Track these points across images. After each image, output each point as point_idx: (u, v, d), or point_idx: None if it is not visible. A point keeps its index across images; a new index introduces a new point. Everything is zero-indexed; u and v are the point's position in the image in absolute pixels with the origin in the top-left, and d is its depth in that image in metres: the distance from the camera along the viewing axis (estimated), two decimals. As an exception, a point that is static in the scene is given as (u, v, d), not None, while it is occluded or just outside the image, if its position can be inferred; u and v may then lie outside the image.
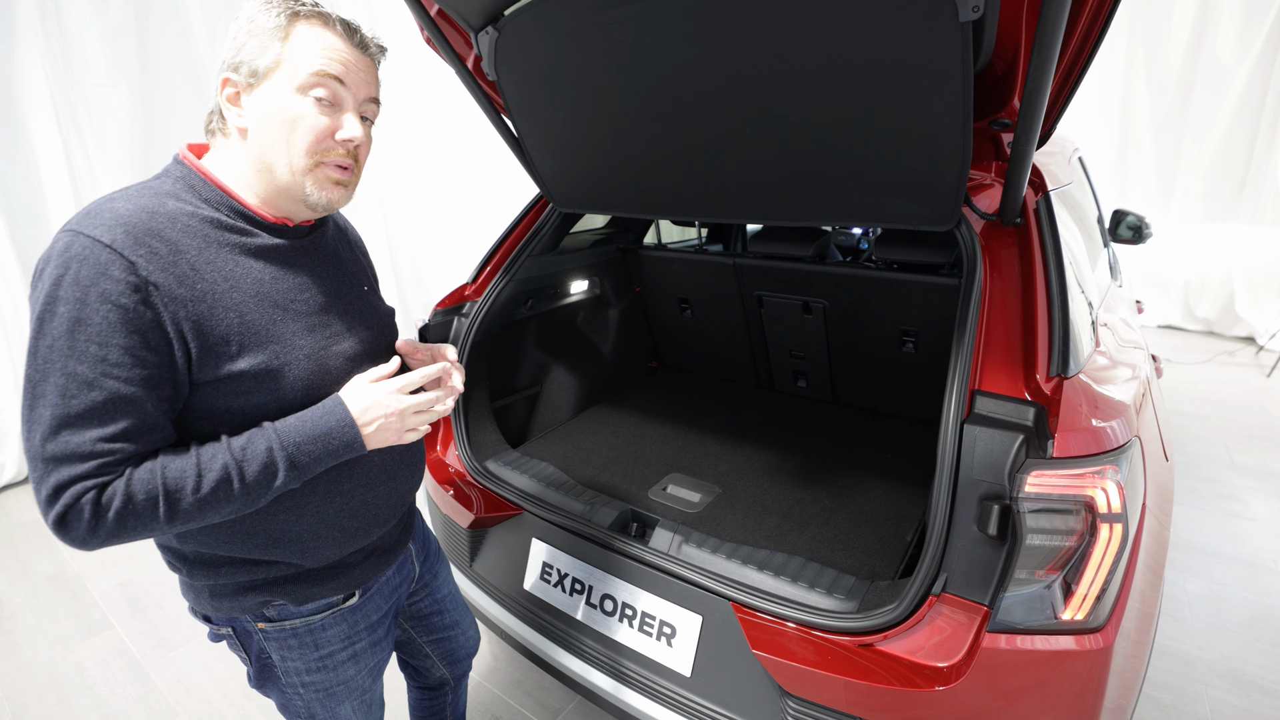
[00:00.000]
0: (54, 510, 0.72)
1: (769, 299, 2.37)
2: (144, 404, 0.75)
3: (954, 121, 1.09)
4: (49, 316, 0.72)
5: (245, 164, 0.85)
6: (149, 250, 0.75)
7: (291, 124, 0.82)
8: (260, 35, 0.81)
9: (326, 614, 0.97)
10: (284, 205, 0.88)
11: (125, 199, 0.79)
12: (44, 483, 0.72)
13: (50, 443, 0.71)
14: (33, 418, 0.72)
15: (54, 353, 0.71)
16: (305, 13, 0.83)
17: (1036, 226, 1.29)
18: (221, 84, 0.83)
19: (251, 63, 0.81)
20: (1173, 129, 5.12)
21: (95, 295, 0.71)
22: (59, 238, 0.74)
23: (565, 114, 1.54)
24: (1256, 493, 3.00)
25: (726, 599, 1.28)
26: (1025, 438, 1.01)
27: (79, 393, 0.71)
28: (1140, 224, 2.71)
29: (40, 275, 0.74)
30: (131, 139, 3.47)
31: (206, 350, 0.78)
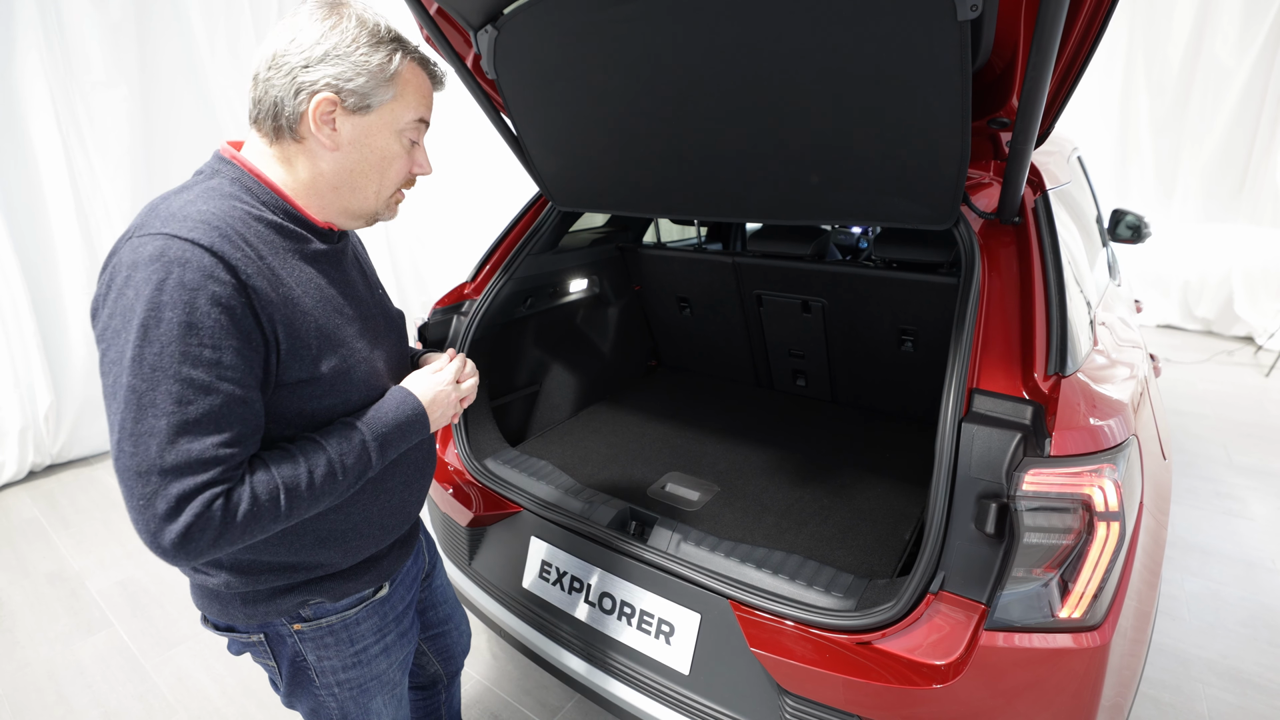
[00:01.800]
0: (177, 523, 0.69)
1: (768, 298, 2.37)
2: (254, 405, 0.76)
3: (952, 120, 1.09)
4: (154, 322, 0.69)
5: (314, 175, 0.85)
6: (243, 253, 0.75)
7: (388, 161, 0.87)
8: (377, 76, 0.81)
9: (360, 608, 0.98)
10: (338, 217, 0.90)
11: (201, 200, 0.77)
12: (161, 495, 0.69)
13: (169, 452, 0.69)
14: (141, 429, 0.69)
15: (165, 359, 0.69)
16: (414, 56, 0.86)
17: (1035, 225, 1.29)
18: (319, 102, 0.80)
19: (363, 95, 0.81)
20: (1172, 129, 5.13)
21: (205, 299, 0.71)
22: (143, 242, 0.72)
23: (564, 113, 1.54)
24: (1254, 492, 3.01)
25: (725, 597, 1.28)
26: (1023, 436, 1.01)
27: (196, 398, 0.70)
28: (1139, 223, 2.72)
29: (126, 281, 0.71)
30: (131, 137, 3.47)
31: (293, 353, 0.80)
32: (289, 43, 0.79)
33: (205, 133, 3.82)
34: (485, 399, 1.99)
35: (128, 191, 3.49)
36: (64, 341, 3.39)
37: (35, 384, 3.25)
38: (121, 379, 0.70)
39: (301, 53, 0.78)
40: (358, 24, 0.81)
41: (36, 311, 3.23)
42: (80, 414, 3.47)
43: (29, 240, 3.22)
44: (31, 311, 3.19)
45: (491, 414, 2.01)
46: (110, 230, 3.46)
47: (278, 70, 0.79)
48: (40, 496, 3.20)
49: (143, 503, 0.70)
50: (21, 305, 3.15)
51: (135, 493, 0.70)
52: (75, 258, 3.35)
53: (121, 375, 0.70)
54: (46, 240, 3.28)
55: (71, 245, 3.33)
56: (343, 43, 0.79)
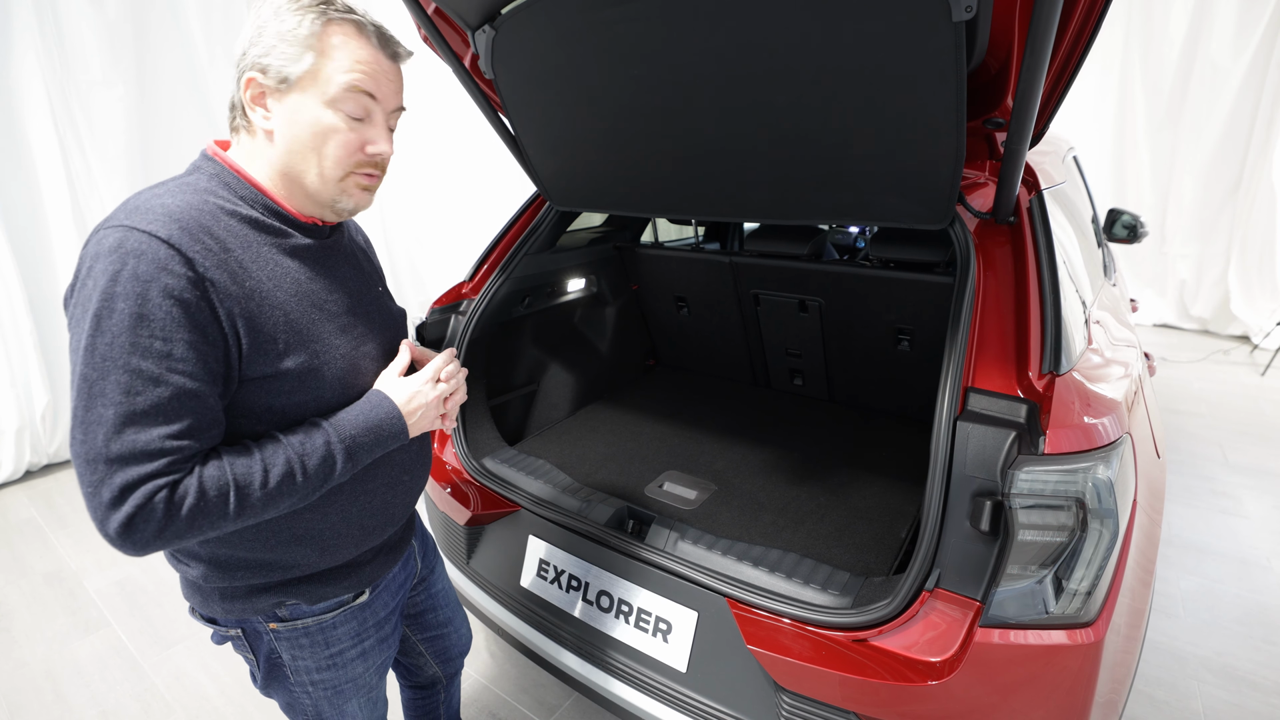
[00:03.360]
0: (120, 512, 0.69)
1: (765, 297, 2.37)
2: (207, 399, 0.75)
3: (948, 120, 1.10)
4: (107, 313, 0.69)
5: (271, 166, 0.84)
6: (203, 246, 0.75)
7: (323, 137, 0.82)
8: (292, 41, 0.78)
9: (337, 612, 0.97)
10: (310, 208, 0.89)
11: (170, 195, 0.77)
12: (106, 484, 0.69)
13: (115, 442, 0.69)
14: (90, 418, 0.69)
15: (115, 349, 0.69)
16: (338, 18, 0.80)
17: (1029, 225, 1.29)
18: (245, 83, 0.79)
19: (281, 69, 0.79)
20: (1168, 129, 5.14)
21: (157, 290, 0.70)
22: (106, 234, 0.72)
23: (562, 112, 1.55)
24: (1250, 490, 3.02)
25: (722, 595, 1.29)
26: (1017, 434, 1.02)
27: (144, 389, 0.70)
28: (1135, 223, 2.73)
29: (88, 272, 0.72)
30: (128, 137, 3.46)
31: (256, 348, 0.79)
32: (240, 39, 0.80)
33: (202, 133, 3.82)
34: (483, 398, 2.00)
35: (124, 191, 3.48)
36: (61, 341, 3.39)
37: (32, 384, 3.25)
38: (76, 367, 0.70)
39: (244, 41, 0.79)
40: (283, 1, 0.79)
41: (33, 311, 3.23)
42: (77, 414, 3.47)
43: (26, 239, 3.21)
44: (28, 311, 3.18)
45: (489, 413, 2.01)
46: (107, 230, 3.46)
47: (235, 67, 0.81)
48: (37, 496, 3.19)
49: (90, 490, 0.70)
50: (18, 305, 3.14)
51: (85, 479, 0.70)
52: (72, 257, 3.34)
53: (76, 364, 0.70)
54: (43, 240, 3.27)
55: (68, 245, 3.32)
56: (267, 25, 0.78)
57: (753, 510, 1.83)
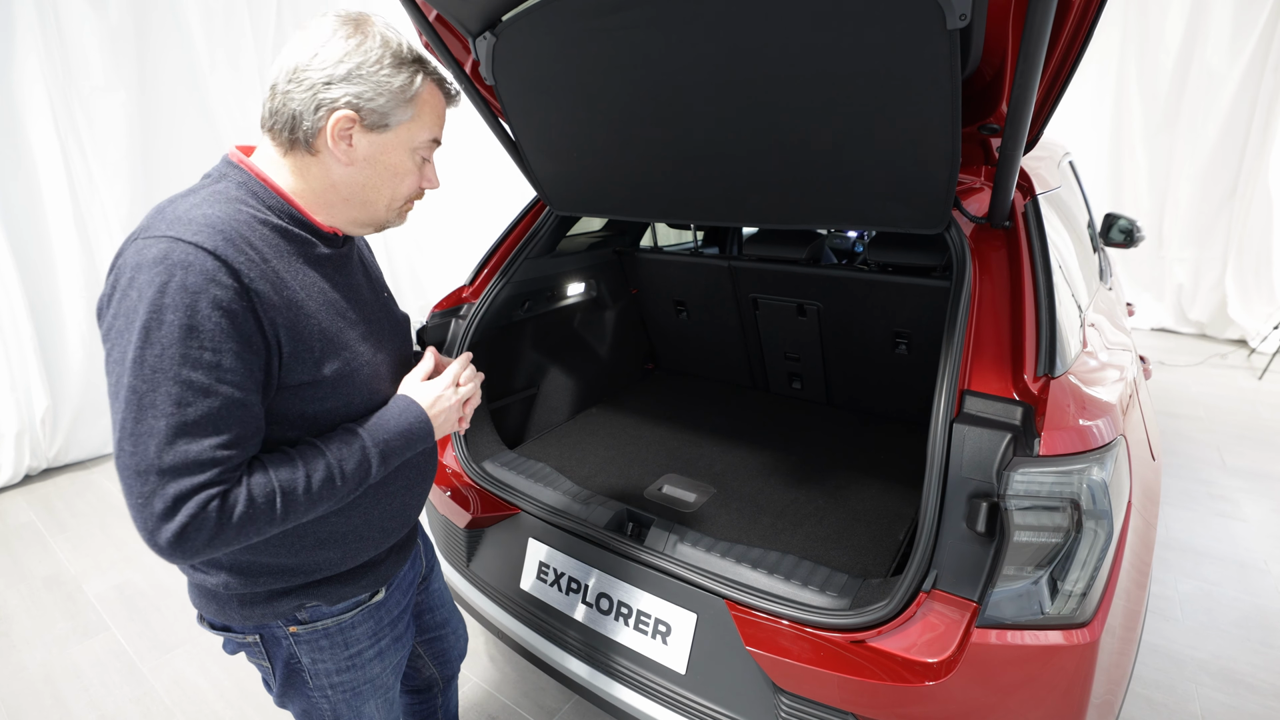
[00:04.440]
0: (173, 522, 0.70)
1: (764, 301, 2.39)
2: (253, 408, 0.77)
3: (943, 126, 1.11)
4: (156, 324, 0.70)
5: (326, 185, 0.86)
6: (246, 257, 0.76)
7: (400, 176, 0.88)
8: (395, 95, 0.82)
9: (355, 612, 0.99)
10: (343, 223, 0.91)
11: (208, 204, 0.78)
12: (159, 495, 0.70)
13: (167, 453, 0.70)
14: (141, 430, 0.70)
15: (165, 361, 0.70)
16: (431, 78, 0.87)
17: (1025, 229, 1.31)
18: (337, 119, 0.80)
19: (381, 117, 0.82)
20: (1165, 134, 5.17)
21: (206, 302, 0.71)
22: (148, 244, 0.72)
23: (562, 118, 1.56)
24: (1247, 494, 3.03)
25: (721, 597, 1.29)
26: (1013, 436, 1.03)
27: (195, 400, 0.71)
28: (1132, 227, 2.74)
29: (129, 283, 0.72)
30: (129, 141, 3.48)
31: (295, 356, 0.81)
32: (311, 57, 0.79)
33: (204, 138, 3.84)
34: (483, 401, 2.00)
35: (126, 196, 3.50)
36: (61, 345, 3.40)
37: (32, 388, 3.25)
38: (123, 379, 0.71)
39: (324, 69, 0.79)
40: (381, 44, 0.81)
41: (34, 315, 3.24)
42: (77, 418, 3.47)
43: (27, 244, 3.22)
44: (29, 315, 3.19)
45: (489, 416, 2.02)
46: (108, 234, 3.47)
47: (298, 84, 0.79)
48: (37, 500, 3.19)
49: (141, 501, 0.71)
50: (19, 309, 3.15)
51: (134, 491, 0.71)
52: (73, 262, 3.35)
53: (123, 376, 0.71)
54: (44, 244, 3.28)
55: (69, 249, 3.34)
56: (366, 62, 0.80)
57: (751, 513, 1.83)
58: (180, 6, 3.64)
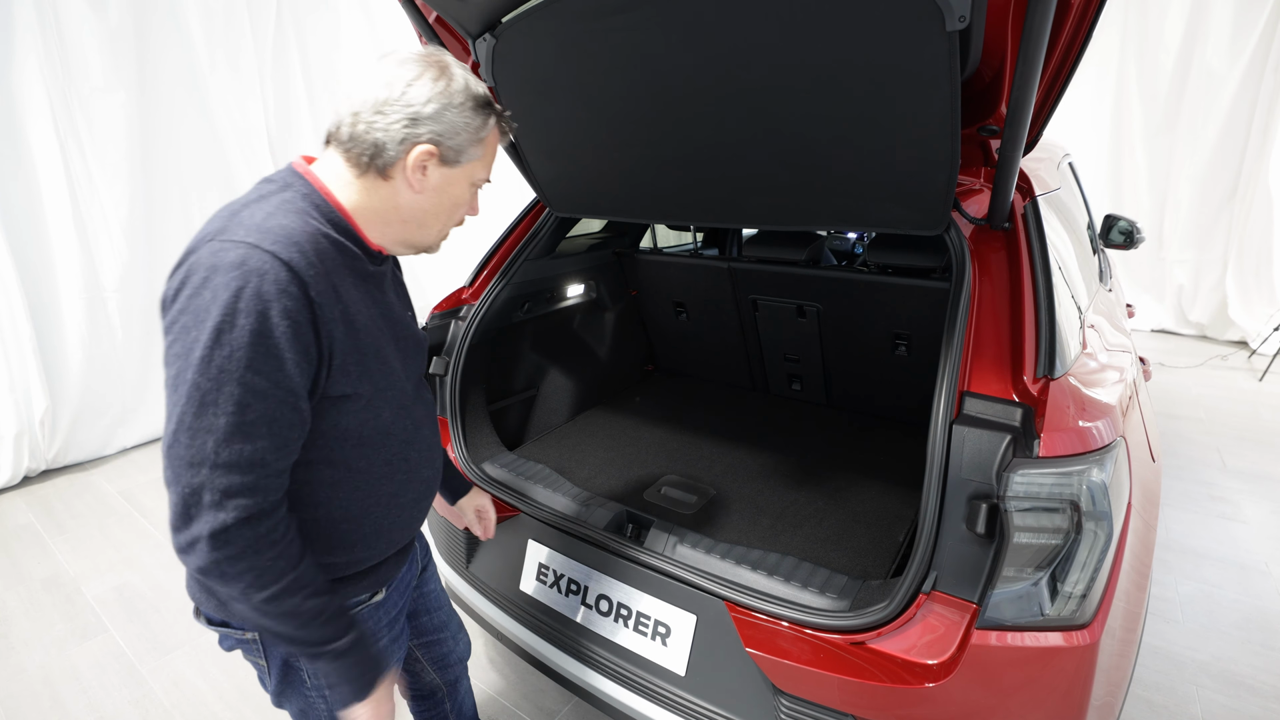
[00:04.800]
0: (222, 514, 0.74)
1: (764, 303, 2.39)
2: (304, 414, 0.81)
3: (942, 128, 1.11)
4: (228, 327, 0.73)
5: (389, 208, 0.89)
6: (315, 271, 0.80)
7: (457, 206, 0.94)
8: (470, 134, 0.88)
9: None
10: (392, 244, 0.95)
11: (282, 215, 0.81)
12: (209, 487, 0.74)
13: (224, 450, 0.74)
14: (200, 425, 0.73)
15: (232, 363, 0.73)
16: (499, 121, 0.93)
17: (1024, 231, 1.31)
18: (421, 153, 0.85)
19: (457, 153, 0.88)
20: (1165, 135, 5.18)
21: (277, 310, 0.75)
22: (226, 248, 0.75)
23: (562, 119, 1.56)
24: (1248, 496, 3.03)
25: (720, 598, 1.29)
26: (1012, 438, 1.03)
27: (255, 403, 0.75)
28: (1132, 229, 2.75)
29: (204, 283, 0.74)
30: (129, 143, 3.48)
31: (340, 369, 0.84)
32: (399, 94, 0.83)
33: (203, 138, 3.84)
34: (483, 403, 2.00)
35: (125, 197, 3.50)
36: (60, 347, 3.40)
37: (31, 389, 3.25)
38: (187, 374, 0.74)
39: (412, 107, 0.83)
40: (464, 89, 0.87)
41: (33, 316, 3.24)
42: (76, 419, 3.47)
43: (26, 245, 3.22)
44: (28, 316, 3.19)
45: (489, 418, 2.02)
46: (108, 235, 3.47)
47: (384, 116, 0.83)
48: (36, 502, 3.19)
49: (188, 491, 0.74)
50: (18, 310, 3.15)
51: (183, 480, 0.74)
52: (72, 263, 3.35)
53: (187, 371, 0.74)
54: (43, 245, 3.29)
55: (68, 250, 3.34)
56: (450, 104, 0.85)
57: (751, 514, 1.83)
58: (180, 7, 3.64)
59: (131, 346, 3.66)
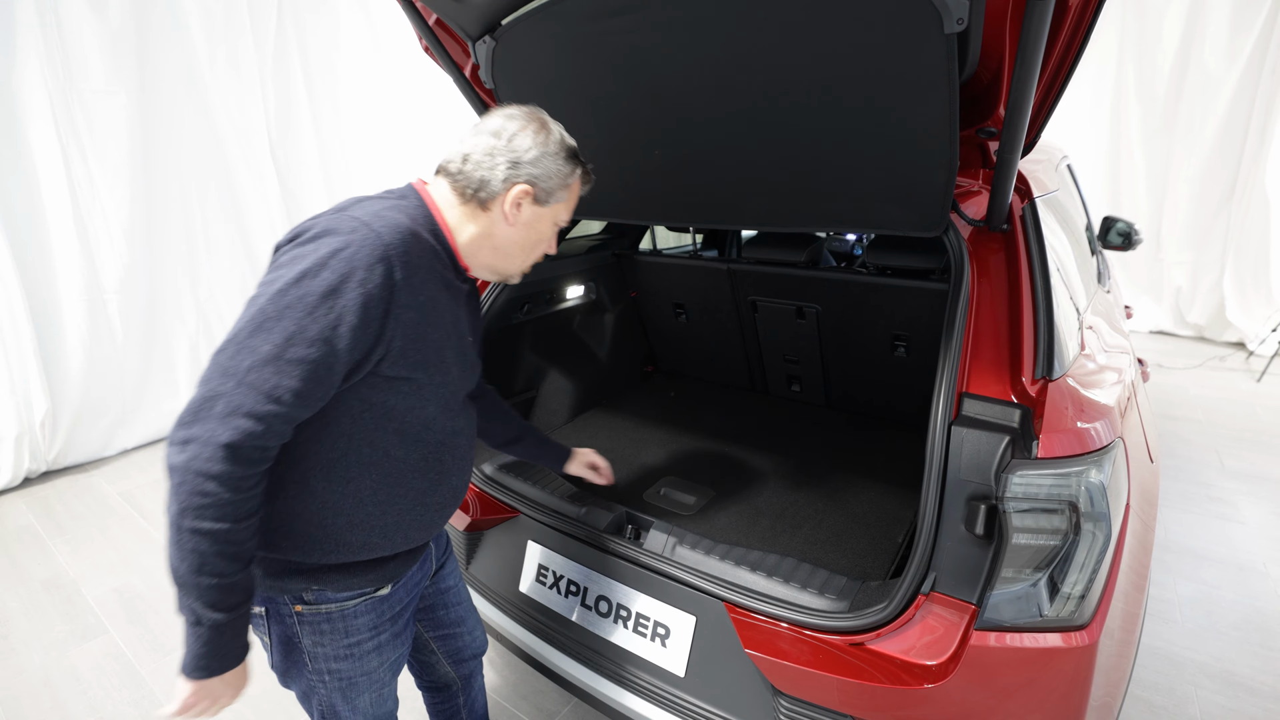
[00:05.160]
0: (220, 429, 0.78)
1: (763, 304, 2.39)
2: (335, 376, 0.86)
3: (941, 130, 1.11)
4: (312, 275, 0.82)
5: (483, 235, 1.02)
6: (405, 263, 0.89)
7: (540, 242, 1.09)
8: (560, 180, 1.03)
9: (359, 601, 1.04)
10: (478, 267, 1.07)
11: (400, 212, 0.93)
12: (224, 398, 0.79)
13: (253, 372, 0.79)
14: (249, 343, 0.80)
15: (299, 303, 0.81)
16: (585, 173, 1.08)
17: (1022, 232, 1.31)
18: (520, 192, 0.99)
19: (549, 191, 1.02)
20: (1163, 136, 5.19)
21: (357, 280, 0.83)
22: (346, 220, 0.87)
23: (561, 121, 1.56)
24: (1246, 496, 3.03)
25: (720, 599, 1.29)
26: (1011, 439, 1.03)
27: (299, 345, 0.81)
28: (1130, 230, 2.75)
29: (317, 236, 0.86)
30: (130, 144, 3.49)
31: (401, 354, 0.92)
32: (506, 143, 0.99)
33: (204, 140, 3.84)
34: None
35: (126, 198, 3.50)
36: (61, 348, 3.40)
37: (31, 390, 3.25)
38: (260, 299, 0.82)
39: (515, 153, 0.98)
40: (559, 141, 1.03)
41: (34, 318, 3.24)
42: (76, 420, 3.47)
43: (27, 246, 3.22)
44: (29, 318, 3.19)
45: None
46: (108, 237, 3.47)
47: (491, 158, 0.98)
48: (36, 503, 3.19)
49: (210, 394, 0.79)
50: (19, 311, 3.15)
51: (211, 384, 0.80)
52: (73, 264, 3.36)
53: (262, 297, 0.82)
54: (44, 246, 3.29)
55: (69, 251, 3.34)
56: (547, 153, 1.00)
57: (751, 515, 1.83)
58: (180, 8, 3.64)
59: (132, 348, 3.66)
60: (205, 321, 4.01)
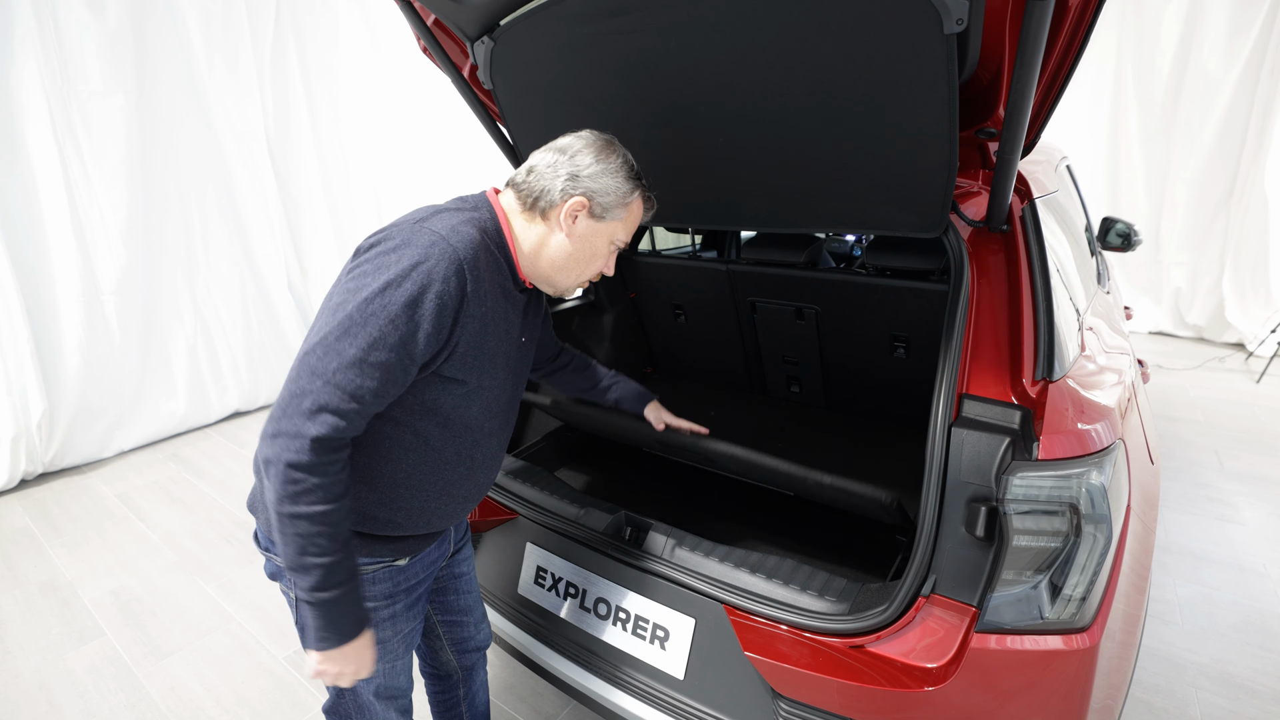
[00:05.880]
0: (309, 424, 0.86)
1: (762, 305, 2.38)
2: (410, 378, 0.94)
3: (941, 130, 1.11)
4: (396, 285, 0.88)
5: (540, 245, 1.07)
6: (475, 275, 0.95)
7: (594, 258, 1.11)
8: (618, 197, 1.06)
9: (378, 568, 1.08)
10: (535, 277, 1.12)
11: (473, 225, 0.99)
12: (311, 395, 0.86)
13: (340, 373, 0.87)
14: (337, 346, 0.87)
15: (385, 311, 0.88)
16: (644, 194, 1.12)
17: (1022, 233, 1.31)
18: (575, 204, 1.04)
19: (605, 206, 1.06)
20: (1162, 137, 5.19)
21: (435, 292, 0.90)
22: (427, 233, 0.93)
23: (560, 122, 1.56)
24: (1246, 497, 3.03)
25: (719, 602, 1.29)
26: (1011, 440, 1.03)
27: (381, 350, 0.88)
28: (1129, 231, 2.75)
29: (398, 247, 0.91)
30: (127, 146, 3.48)
31: (460, 357, 0.98)
32: (569, 158, 1.05)
33: (203, 141, 3.84)
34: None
35: (123, 200, 3.50)
36: (58, 350, 3.39)
37: (28, 391, 3.24)
38: (348, 305, 0.88)
39: (576, 167, 1.04)
40: (621, 162, 1.07)
41: (30, 319, 3.23)
42: (73, 422, 3.46)
43: (24, 247, 3.22)
44: (25, 319, 3.18)
45: None
46: (105, 239, 3.47)
47: (554, 170, 1.04)
48: (32, 505, 3.18)
49: (299, 392, 0.87)
50: (15, 312, 3.14)
51: (300, 384, 0.87)
52: (70, 266, 3.35)
53: (350, 303, 0.89)
54: (41, 248, 3.28)
55: (66, 253, 3.34)
56: (608, 170, 1.05)
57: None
58: (178, 10, 3.64)
59: (129, 349, 3.65)
60: (203, 322, 4.00)
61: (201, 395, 4.02)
